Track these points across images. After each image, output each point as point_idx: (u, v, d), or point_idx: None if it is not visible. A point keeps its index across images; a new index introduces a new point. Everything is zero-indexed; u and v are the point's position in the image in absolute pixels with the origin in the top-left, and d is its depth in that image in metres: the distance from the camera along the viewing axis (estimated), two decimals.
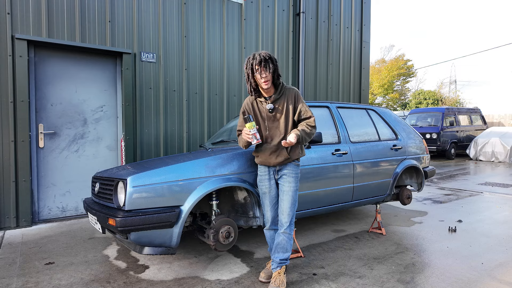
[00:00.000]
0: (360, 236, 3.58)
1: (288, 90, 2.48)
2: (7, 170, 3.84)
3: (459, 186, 6.52)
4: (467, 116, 12.69)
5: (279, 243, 2.45)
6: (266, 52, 2.37)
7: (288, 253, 2.45)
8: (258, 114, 2.51)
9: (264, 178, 2.53)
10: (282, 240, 2.44)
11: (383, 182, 3.74)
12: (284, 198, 2.44)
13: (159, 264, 2.87)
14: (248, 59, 2.37)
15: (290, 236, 2.45)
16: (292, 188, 2.45)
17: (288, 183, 2.45)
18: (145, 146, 4.71)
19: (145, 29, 4.68)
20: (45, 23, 4.00)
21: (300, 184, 3.06)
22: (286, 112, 2.45)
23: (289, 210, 2.43)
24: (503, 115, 16.82)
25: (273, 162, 2.46)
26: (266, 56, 2.32)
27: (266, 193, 2.53)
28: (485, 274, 2.62)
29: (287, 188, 2.44)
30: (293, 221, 2.47)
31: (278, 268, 2.44)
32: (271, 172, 2.52)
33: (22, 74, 3.87)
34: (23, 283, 2.50)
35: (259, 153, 2.53)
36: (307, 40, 6.39)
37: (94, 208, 2.65)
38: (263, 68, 2.31)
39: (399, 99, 30.40)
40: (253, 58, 2.33)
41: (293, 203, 2.45)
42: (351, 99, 7.10)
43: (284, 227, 2.44)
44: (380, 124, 4.01)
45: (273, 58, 2.36)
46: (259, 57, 2.31)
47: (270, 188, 2.52)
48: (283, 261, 2.44)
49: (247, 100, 2.56)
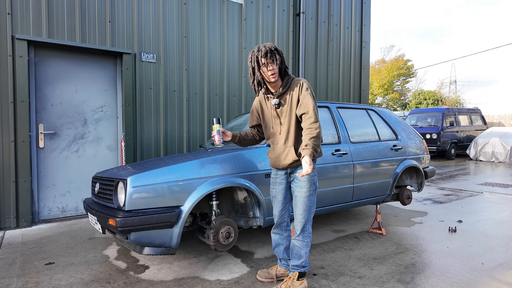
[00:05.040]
0: (360, 236, 3.58)
1: (294, 82, 2.27)
2: (7, 170, 3.84)
3: (459, 186, 6.52)
4: (467, 116, 12.69)
5: (292, 249, 2.35)
6: (271, 43, 2.24)
7: (302, 259, 2.31)
8: (266, 111, 2.37)
9: (274, 181, 2.41)
10: (295, 246, 2.33)
11: (383, 182, 3.74)
12: (296, 203, 2.29)
13: (159, 264, 2.87)
14: (252, 52, 2.21)
15: (304, 243, 2.30)
16: (304, 194, 2.24)
17: (299, 188, 2.26)
18: (145, 146, 4.71)
19: (145, 29, 4.68)
20: (45, 23, 4.00)
21: None
22: (291, 106, 2.25)
23: (301, 217, 2.26)
24: (503, 115, 16.83)
25: (282, 164, 2.30)
26: (272, 47, 2.18)
27: (274, 197, 2.42)
28: (485, 274, 2.62)
29: (298, 193, 2.27)
30: (307, 227, 2.29)
31: (290, 272, 2.35)
32: (282, 175, 2.36)
33: (22, 74, 3.87)
34: (23, 283, 2.50)
35: (269, 154, 2.41)
36: (307, 40, 6.39)
37: (94, 208, 2.65)
38: (270, 60, 2.16)
39: (399, 99, 30.41)
40: (258, 50, 2.18)
41: (306, 209, 2.25)
42: (351, 99, 7.10)
43: (296, 234, 2.31)
44: (380, 124, 4.01)
45: (279, 49, 2.21)
46: (265, 48, 2.16)
47: (277, 192, 2.39)
48: (295, 268, 2.33)
49: (257, 98, 2.44)
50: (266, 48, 2.17)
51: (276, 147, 2.34)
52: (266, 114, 2.39)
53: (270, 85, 2.29)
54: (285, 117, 2.28)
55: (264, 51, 2.16)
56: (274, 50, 2.18)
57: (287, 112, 2.27)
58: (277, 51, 2.19)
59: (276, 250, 2.53)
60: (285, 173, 2.36)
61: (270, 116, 2.35)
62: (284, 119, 2.29)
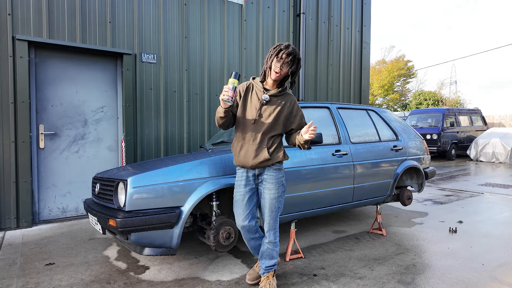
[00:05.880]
0: (360, 237, 3.58)
1: (289, 95, 2.34)
2: (8, 171, 3.85)
3: (459, 187, 6.51)
4: (467, 117, 12.69)
5: (264, 251, 2.35)
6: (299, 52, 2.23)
7: (275, 259, 2.37)
8: (249, 99, 2.28)
9: (240, 184, 2.30)
10: (267, 249, 2.34)
11: (383, 182, 3.74)
12: (265, 205, 2.27)
13: (159, 265, 2.86)
14: (280, 44, 2.19)
15: (275, 244, 2.34)
16: (272, 196, 2.25)
17: (268, 190, 2.25)
18: (146, 147, 4.71)
19: (146, 30, 4.69)
20: (46, 24, 4.01)
21: (300, 185, 3.06)
22: (279, 112, 2.27)
23: (269, 219, 2.28)
24: (504, 115, 16.82)
25: (251, 163, 2.23)
26: (299, 55, 2.21)
27: (239, 201, 2.30)
28: (486, 275, 2.62)
29: (267, 195, 2.25)
30: (277, 227, 2.33)
31: (266, 273, 2.37)
32: (250, 176, 2.29)
33: (23, 75, 3.88)
34: (24, 284, 2.50)
35: (238, 150, 2.28)
36: (308, 41, 6.39)
37: (95, 209, 2.65)
38: (287, 60, 2.17)
39: (400, 99, 30.41)
40: (286, 47, 2.17)
41: (275, 211, 2.27)
42: (351, 99, 7.10)
43: (267, 236, 2.31)
44: (380, 124, 4.01)
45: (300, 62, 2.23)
46: (293, 50, 2.17)
47: (243, 195, 2.29)
48: (269, 268, 2.36)
49: (244, 84, 2.34)
50: (294, 51, 2.18)
51: (248, 144, 2.25)
52: (249, 106, 2.28)
53: (268, 81, 2.28)
54: (268, 118, 2.25)
55: (290, 51, 2.17)
56: (298, 58, 2.20)
57: (274, 115, 2.25)
58: (299, 61, 2.22)
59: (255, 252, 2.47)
60: (253, 174, 2.30)
61: (254, 110, 2.26)
62: (266, 119, 2.24)
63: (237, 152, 2.29)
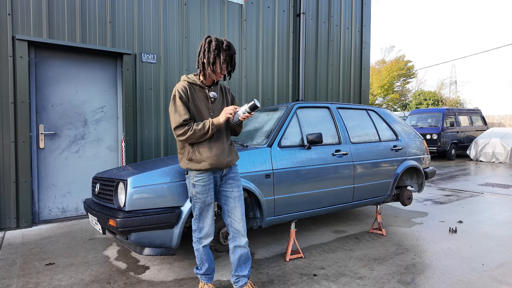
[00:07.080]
0: (360, 236, 3.58)
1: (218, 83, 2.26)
2: (8, 171, 3.85)
3: (459, 186, 6.52)
4: (467, 117, 12.69)
5: (242, 255, 2.19)
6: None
7: (250, 261, 2.25)
8: (198, 101, 2.14)
9: (208, 188, 2.13)
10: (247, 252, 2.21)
11: (383, 182, 3.74)
12: (237, 205, 2.17)
13: (159, 265, 2.86)
14: (219, 41, 2.07)
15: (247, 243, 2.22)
16: (240, 193, 2.20)
17: (238, 188, 2.20)
18: (146, 147, 4.71)
19: (146, 30, 4.69)
20: (46, 24, 4.01)
21: (300, 185, 3.06)
22: (226, 102, 2.25)
23: (242, 217, 2.18)
24: (504, 115, 16.83)
25: (227, 161, 2.14)
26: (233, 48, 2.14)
27: (211, 204, 2.17)
28: (486, 275, 2.62)
29: (237, 193, 2.19)
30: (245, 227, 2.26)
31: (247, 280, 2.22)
32: (218, 177, 2.18)
33: (23, 75, 3.88)
34: (24, 284, 2.50)
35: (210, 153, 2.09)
36: (308, 41, 6.39)
37: (95, 209, 2.65)
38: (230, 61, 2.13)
39: (400, 99, 30.41)
40: (226, 45, 2.07)
41: (244, 208, 2.21)
42: (351, 99, 7.10)
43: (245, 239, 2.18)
44: (380, 124, 4.01)
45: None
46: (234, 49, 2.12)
47: (212, 198, 2.17)
48: (247, 276, 2.23)
49: (182, 85, 2.12)
50: (233, 50, 2.11)
51: (218, 143, 2.14)
52: (201, 106, 2.15)
53: (209, 79, 2.18)
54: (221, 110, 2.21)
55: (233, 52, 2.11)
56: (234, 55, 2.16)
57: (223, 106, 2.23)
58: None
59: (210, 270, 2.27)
60: (220, 175, 2.20)
61: (207, 110, 2.16)
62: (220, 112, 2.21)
63: (207, 154, 2.09)
